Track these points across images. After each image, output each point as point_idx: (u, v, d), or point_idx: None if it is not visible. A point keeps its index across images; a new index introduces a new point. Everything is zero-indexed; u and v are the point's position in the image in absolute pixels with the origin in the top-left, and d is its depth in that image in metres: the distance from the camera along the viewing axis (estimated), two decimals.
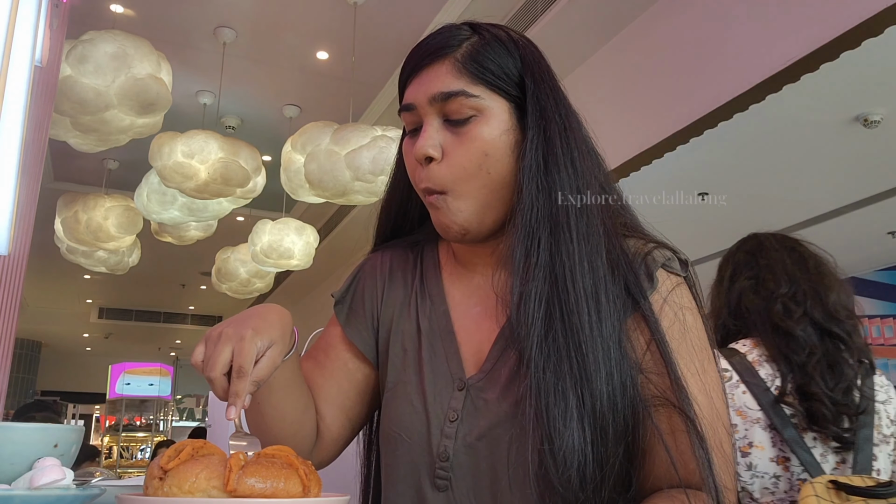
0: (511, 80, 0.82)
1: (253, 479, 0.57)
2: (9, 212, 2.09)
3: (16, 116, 2.11)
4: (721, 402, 0.76)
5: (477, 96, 0.80)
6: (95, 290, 10.58)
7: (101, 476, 1.37)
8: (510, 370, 0.79)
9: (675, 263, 0.82)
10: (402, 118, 0.86)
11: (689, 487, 0.70)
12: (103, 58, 3.31)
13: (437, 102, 0.81)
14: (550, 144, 0.80)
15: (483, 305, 0.86)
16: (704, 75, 3.37)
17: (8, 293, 2.53)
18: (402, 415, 0.85)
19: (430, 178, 0.81)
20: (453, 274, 0.91)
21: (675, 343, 0.75)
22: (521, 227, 0.78)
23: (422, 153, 0.81)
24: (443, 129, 0.81)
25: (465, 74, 0.81)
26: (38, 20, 2.38)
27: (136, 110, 3.49)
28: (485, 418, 0.80)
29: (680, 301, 0.79)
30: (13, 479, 0.68)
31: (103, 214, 4.91)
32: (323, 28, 4.39)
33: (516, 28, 4.21)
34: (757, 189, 4.25)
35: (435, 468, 0.81)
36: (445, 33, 0.84)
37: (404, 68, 0.86)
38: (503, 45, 0.83)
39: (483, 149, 0.80)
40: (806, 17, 2.87)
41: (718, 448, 0.72)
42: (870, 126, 3.41)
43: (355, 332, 0.93)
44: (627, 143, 3.78)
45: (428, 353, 0.86)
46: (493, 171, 0.80)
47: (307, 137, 3.86)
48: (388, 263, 0.96)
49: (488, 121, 0.80)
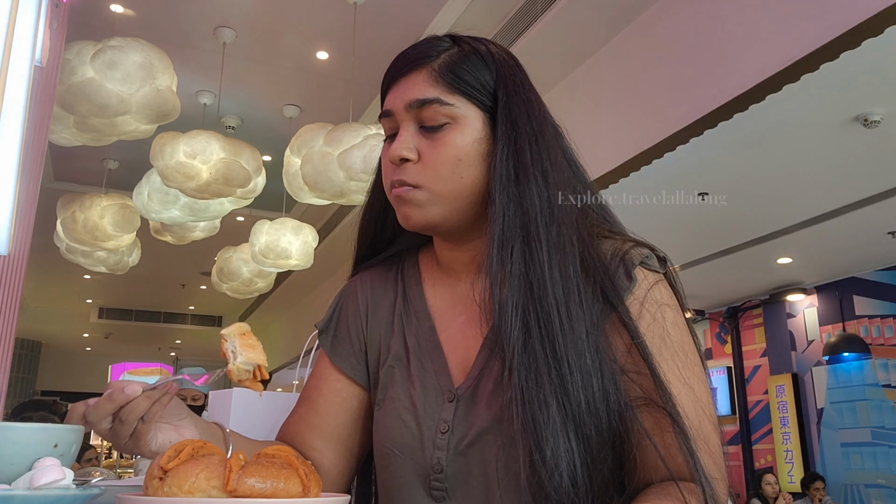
0: (486, 92, 0.84)
1: (253, 479, 0.57)
2: (9, 212, 2.09)
3: (16, 116, 2.11)
4: (706, 395, 0.77)
5: (451, 104, 0.83)
6: (95, 290, 10.58)
7: (101, 476, 1.37)
8: (495, 378, 0.80)
9: (654, 261, 0.82)
10: (381, 124, 0.89)
11: (680, 479, 0.70)
12: (132, 66, 3.39)
13: (413, 109, 0.83)
14: (520, 155, 0.82)
15: (468, 313, 0.87)
16: (704, 75, 3.37)
17: (8, 293, 2.53)
18: (393, 431, 0.86)
19: (406, 174, 0.83)
20: (436, 284, 0.92)
21: (656, 342, 0.76)
22: (494, 236, 0.79)
23: (397, 154, 0.83)
24: (418, 135, 0.84)
25: (442, 83, 0.83)
26: (38, 20, 2.39)
27: (150, 119, 3.57)
28: (474, 425, 0.81)
29: (660, 298, 0.80)
30: (13, 479, 0.68)
31: (99, 213, 4.91)
32: (323, 28, 4.39)
33: (516, 28, 4.23)
34: (757, 189, 4.24)
35: (430, 480, 0.82)
36: (426, 44, 0.87)
37: (385, 76, 0.89)
38: (481, 57, 0.86)
39: (456, 154, 0.82)
40: (806, 18, 2.87)
41: (704, 441, 0.72)
42: (870, 126, 3.41)
43: (343, 359, 0.94)
44: (627, 143, 3.78)
45: (417, 369, 0.87)
46: (465, 177, 0.83)
47: (303, 140, 3.89)
48: (369, 285, 0.97)
49: (462, 128, 0.83)
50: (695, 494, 0.68)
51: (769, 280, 6.49)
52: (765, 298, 6.98)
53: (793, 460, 6.59)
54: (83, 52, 3.38)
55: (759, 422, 7.05)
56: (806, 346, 6.69)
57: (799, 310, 6.76)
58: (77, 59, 3.37)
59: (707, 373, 0.80)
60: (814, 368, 6.57)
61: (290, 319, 10.71)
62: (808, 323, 6.69)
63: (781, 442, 6.72)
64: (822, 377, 6.49)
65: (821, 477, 5.76)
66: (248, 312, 11.72)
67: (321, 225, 7.03)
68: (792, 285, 6.62)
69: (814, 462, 6.48)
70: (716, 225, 4.84)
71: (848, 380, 6.27)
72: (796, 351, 6.77)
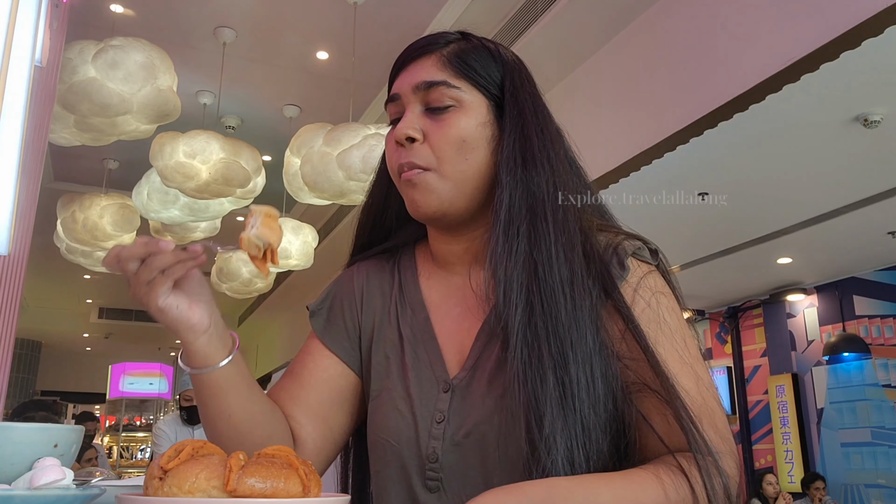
0: (492, 81, 0.86)
1: (253, 479, 0.57)
2: (9, 212, 2.09)
3: (16, 116, 2.11)
4: (707, 375, 0.78)
5: (458, 87, 0.84)
6: (95, 290, 10.57)
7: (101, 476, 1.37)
8: (494, 363, 0.80)
9: (645, 252, 0.84)
10: (387, 111, 0.90)
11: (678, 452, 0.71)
12: (133, 66, 3.38)
13: (420, 91, 0.85)
14: (528, 142, 0.83)
15: (463, 306, 0.88)
16: (704, 75, 3.37)
17: (8, 293, 2.53)
18: (388, 420, 0.85)
19: (414, 154, 0.84)
20: (431, 277, 0.93)
21: (652, 326, 0.77)
22: (502, 217, 0.80)
23: (402, 133, 0.84)
24: (423, 116, 0.85)
25: (449, 68, 0.85)
26: (38, 20, 2.39)
27: (150, 119, 3.57)
28: (471, 416, 0.81)
29: (653, 286, 0.81)
30: (13, 479, 0.69)
31: (99, 213, 4.91)
32: (323, 28, 4.39)
33: (516, 28, 4.23)
34: (757, 189, 4.24)
35: (425, 470, 0.82)
36: (436, 35, 0.89)
37: (395, 65, 0.90)
38: (489, 52, 0.88)
39: (461, 135, 0.83)
40: (806, 17, 2.87)
41: (710, 416, 0.73)
42: (870, 126, 3.40)
43: (333, 341, 0.94)
44: (627, 142, 3.78)
45: (411, 359, 0.87)
46: (471, 159, 0.83)
47: (302, 140, 3.90)
48: (365, 274, 0.97)
49: (467, 112, 0.84)
50: (693, 463, 0.68)
51: (769, 280, 6.49)
52: (765, 298, 6.98)
53: (793, 460, 6.60)
54: (85, 51, 3.38)
55: (759, 422, 7.05)
56: (806, 346, 6.69)
57: (799, 310, 6.76)
58: (79, 58, 3.37)
59: (702, 354, 0.81)
60: (814, 368, 6.57)
61: (290, 320, 10.70)
62: (808, 323, 6.69)
63: (781, 442, 6.72)
64: (822, 377, 6.49)
65: (821, 477, 5.75)
66: (247, 312, 11.72)
67: (321, 225, 7.03)
68: (792, 285, 6.62)
69: (814, 462, 6.48)
70: (716, 225, 4.84)
71: (848, 380, 6.27)
72: (796, 351, 6.77)
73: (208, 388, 0.80)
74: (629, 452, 0.74)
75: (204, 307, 0.79)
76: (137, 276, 0.75)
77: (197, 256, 0.76)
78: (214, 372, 0.79)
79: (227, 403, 0.81)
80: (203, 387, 0.80)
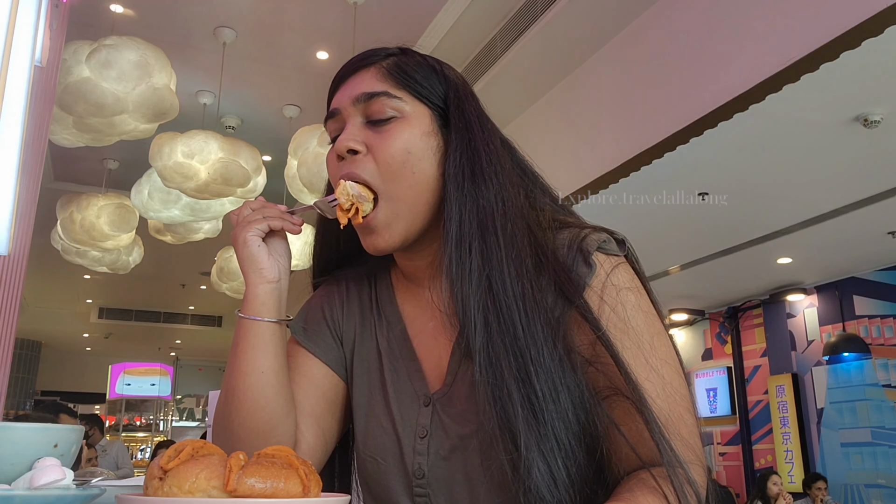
0: (434, 93, 0.85)
1: (253, 479, 0.57)
2: (9, 212, 2.09)
3: (16, 116, 2.11)
4: (676, 375, 0.75)
5: (399, 98, 0.83)
6: (95, 290, 10.57)
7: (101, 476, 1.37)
8: (470, 381, 0.79)
9: (612, 244, 0.81)
10: (326, 128, 0.88)
11: (653, 465, 0.69)
12: (127, 65, 3.36)
13: (360, 103, 0.83)
14: (476, 155, 0.81)
15: (436, 320, 0.86)
16: (704, 75, 3.37)
17: (8, 293, 2.53)
18: (373, 437, 0.85)
19: (357, 166, 0.82)
20: (406, 291, 0.92)
21: (618, 332, 0.75)
22: (451, 235, 0.79)
23: (344, 146, 0.82)
24: (365, 129, 0.83)
25: (390, 79, 0.84)
26: (38, 20, 2.39)
27: (147, 118, 3.55)
28: (454, 431, 0.80)
29: (619, 283, 0.78)
30: (13, 479, 0.68)
31: (96, 213, 4.91)
32: (323, 28, 4.39)
33: (516, 28, 4.23)
34: (757, 189, 4.24)
35: (412, 486, 0.82)
36: (375, 49, 0.88)
37: (333, 81, 0.88)
38: (430, 65, 0.87)
39: (405, 146, 0.81)
40: (806, 17, 2.87)
41: (676, 425, 0.71)
42: (870, 126, 3.40)
43: (314, 344, 0.93)
44: (628, 142, 3.78)
45: (390, 374, 0.87)
46: (417, 171, 0.81)
47: (299, 142, 3.92)
48: (345, 286, 0.97)
49: (409, 122, 0.82)
50: (667, 480, 0.67)
51: (769, 280, 6.49)
52: (765, 298, 6.98)
53: (793, 460, 6.60)
54: (79, 51, 3.38)
55: (759, 422, 7.05)
56: (806, 346, 6.69)
57: (799, 310, 6.76)
58: (73, 58, 3.36)
59: (677, 354, 0.78)
60: (814, 368, 6.57)
61: None
62: (808, 323, 6.69)
63: (781, 442, 6.72)
64: (822, 377, 6.49)
65: (823, 477, 5.75)
66: None
67: None
68: (792, 285, 6.62)
69: (814, 462, 6.48)
70: (716, 225, 4.84)
71: (848, 380, 6.27)
72: (796, 351, 6.77)
73: (253, 338, 0.82)
74: (605, 459, 0.73)
75: (278, 265, 0.84)
76: (246, 218, 0.83)
77: (295, 222, 0.84)
78: (263, 324, 0.82)
79: (265, 358, 0.82)
80: (248, 335, 0.82)
